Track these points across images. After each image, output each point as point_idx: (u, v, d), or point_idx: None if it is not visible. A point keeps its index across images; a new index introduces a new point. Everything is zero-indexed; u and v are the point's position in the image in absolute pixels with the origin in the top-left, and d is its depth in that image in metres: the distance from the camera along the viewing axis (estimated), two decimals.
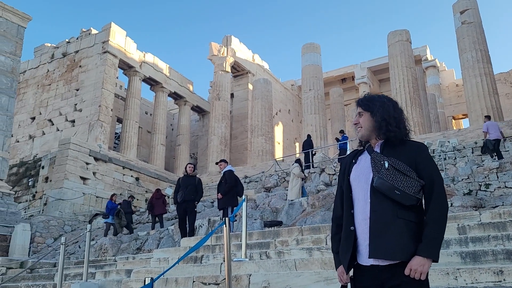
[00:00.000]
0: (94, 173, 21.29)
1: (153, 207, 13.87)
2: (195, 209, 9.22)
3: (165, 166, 28.19)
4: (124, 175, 22.97)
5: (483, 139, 13.72)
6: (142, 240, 12.52)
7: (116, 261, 8.84)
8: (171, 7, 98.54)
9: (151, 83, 28.79)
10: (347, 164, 2.20)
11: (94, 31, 26.30)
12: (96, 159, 21.54)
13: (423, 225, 1.95)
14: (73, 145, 20.53)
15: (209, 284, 5.74)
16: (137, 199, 19.70)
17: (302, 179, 12.40)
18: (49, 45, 28.35)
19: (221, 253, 7.23)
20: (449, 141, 16.85)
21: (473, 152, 15.38)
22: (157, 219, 13.91)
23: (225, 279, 5.56)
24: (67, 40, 27.25)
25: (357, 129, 2.20)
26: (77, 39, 26.65)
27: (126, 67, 26.62)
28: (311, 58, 26.24)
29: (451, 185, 10.87)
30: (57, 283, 6.40)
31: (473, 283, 4.16)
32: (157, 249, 9.53)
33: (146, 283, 3.46)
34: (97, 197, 21.02)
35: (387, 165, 1.98)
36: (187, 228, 9.29)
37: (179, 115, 31.23)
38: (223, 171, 9.59)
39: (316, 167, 17.52)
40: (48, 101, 26.00)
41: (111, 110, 24.59)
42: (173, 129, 34.03)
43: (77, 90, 24.94)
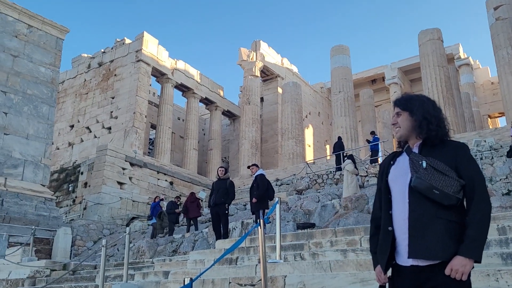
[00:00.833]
0: (130, 178, 21.91)
1: (187, 211, 14.17)
2: (226, 212, 9.37)
3: (197, 170, 28.65)
4: (158, 179, 23.53)
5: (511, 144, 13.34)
6: (177, 242, 12.82)
7: (153, 263, 9.09)
8: (201, 15, 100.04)
9: (183, 89, 29.36)
10: (385, 165, 2.20)
11: (127, 41, 27.09)
12: (131, 164, 22.16)
13: (464, 226, 1.92)
14: (110, 151, 21.21)
15: (245, 285, 5.86)
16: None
17: (356, 175, 12.20)
18: (86, 55, 29.40)
19: (255, 254, 7.34)
20: (485, 141, 16.46)
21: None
22: (192, 222, 14.21)
23: (260, 280, 5.67)
24: (103, 50, 28.18)
25: (395, 130, 2.18)
26: (112, 48, 27.52)
27: (158, 74, 27.27)
28: (340, 60, 26.14)
29: (488, 185, 10.67)
30: (99, 284, 6.69)
31: None
32: (192, 251, 9.77)
33: (185, 283, 3.64)
34: (133, 201, 21.61)
35: (425, 164, 1.97)
36: (221, 230, 9.49)
37: (210, 120, 31.69)
38: (255, 175, 9.70)
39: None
40: (85, 109, 26.95)
41: (145, 116, 25.25)
42: (204, 134, 34.54)
43: (113, 98, 25.75)
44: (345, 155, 18.89)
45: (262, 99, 31.12)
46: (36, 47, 16.67)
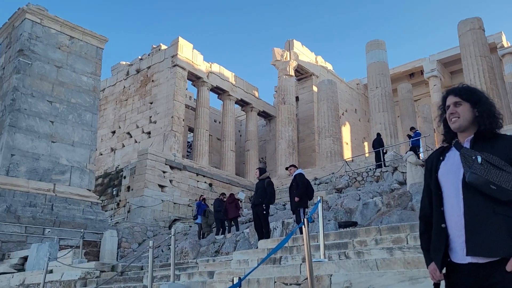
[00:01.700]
0: (170, 181, 22.37)
1: (227, 211, 14.33)
2: (264, 212, 9.40)
3: (236, 171, 28.88)
4: (198, 181, 23.90)
5: None
6: (219, 243, 12.98)
7: (197, 264, 9.25)
8: (233, 17, 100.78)
9: (218, 92, 29.67)
10: (433, 161, 2.15)
11: (163, 47, 27.67)
12: (171, 168, 22.62)
13: None
14: (151, 155, 21.73)
15: (291, 284, 5.86)
16: (211, 204, 20.36)
17: (422, 166, 11.83)
18: (124, 63, 30.27)
19: (298, 254, 7.33)
20: None
21: None
22: (232, 222, 14.35)
23: (306, 279, 5.66)
24: (140, 57, 28.92)
25: (452, 120, 2.10)
26: (149, 55, 28.20)
27: (194, 78, 27.70)
28: (376, 55, 25.67)
29: None
30: (148, 285, 6.86)
31: None
32: (235, 251, 9.86)
33: (234, 282, 3.69)
34: (174, 203, 22.05)
35: (480, 159, 1.92)
36: (263, 230, 9.54)
37: (246, 121, 31.87)
38: (294, 174, 9.71)
39: (388, 166, 17.14)
40: (125, 115, 27.74)
41: (183, 120, 25.72)
42: (241, 135, 34.77)
43: (151, 103, 26.37)
44: (384, 151, 18.57)
45: (297, 98, 30.98)
46: (77, 57, 17.32)
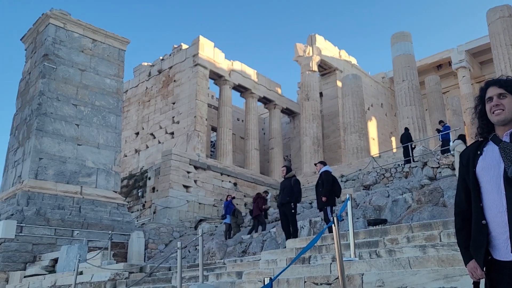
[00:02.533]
0: (195, 181, 22.40)
1: (252, 210, 14.30)
2: (292, 211, 9.22)
3: (260, 170, 28.75)
4: (222, 181, 23.87)
5: None
6: (246, 243, 12.87)
7: (225, 264, 9.16)
8: (254, 13, 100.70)
9: (241, 90, 29.58)
10: (470, 156, 2.09)
11: (184, 46, 27.76)
12: (196, 168, 22.65)
13: None
14: (175, 156, 21.81)
15: (321, 284, 5.71)
16: (237, 204, 20.33)
17: None
18: (146, 64, 30.53)
19: (328, 253, 7.16)
20: None
21: None
22: (259, 221, 14.24)
23: (337, 278, 5.50)
24: (161, 57, 29.11)
25: (497, 112, 2.03)
26: (170, 55, 28.35)
27: (216, 77, 27.68)
28: (402, 47, 25.06)
29: None
30: (177, 285, 6.79)
31: None
32: (261, 251, 9.72)
33: (265, 283, 3.57)
34: (199, 203, 22.08)
35: None
36: (290, 229, 9.35)
37: (269, 119, 31.69)
38: (320, 171, 9.53)
39: (417, 161, 16.67)
40: (148, 116, 27.97)
41: (206, 119, 25.73)
42: (264, 133, 34.62)
43: (174, 103, 26.49)
44: (413, 146, 18.09)
45: (321, 94, 30.63)
46: (100, 60, 17.49)
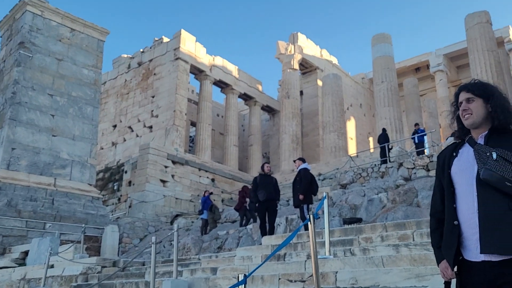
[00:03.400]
0: (172, 176, 22.21)
1: (239, 204, 14.24)
2: (276, 208, 9.26)
3: (238, 166, 28.71)
4: (200, 176, 23.74)
5: None
6: (222, 239, 12.83)
7: (200, 260, 9.10)
8: (237, 9, 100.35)
9: (221, 85, 29.44)
10: (446, 157, 2.11)
11: (165, 39, 27.44)
12: (173, 162, 22.45)
13: None
14: (152, 150, 21.57)
15: (295, 281, 5.74)
16: (214, 199, 20.25)
17: None
18: (126, 56, 30.05)
19: (303, 250, 7.20)
20: None
21: None
22: (244, 215, 14.17)
23: (311, 276, 5.52)
24: (142, 50, 28.69)
25: (466, 116, 2.07)
26: (151, 48, 27.97)
27: (197, 71, 27.47)
28: (382, 49, 25.36)
29: None
30: (150, 281, 6.71)
31: None
32: (238, 247, 9.71)
33: (239, 279, 3.54)
34: (176, 198, 21.91)
35: (495, 156, 1.89)
36: (267, 226, 9.35)
37: (249, 116, 31.66)
38: (298, 168, 9.52)
39: (393, 162, 16.91)
40: (127, 109, 27.57)
41: (185, 114, 25.51)
42: (244, 130, 34.58)
43: (153, 97, 26.17)
44: (390, 147, 18.35)
45: (301, 93, 30.75)
46: (78, 49, 17.12)
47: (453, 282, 2.00)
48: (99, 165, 24.51)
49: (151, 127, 25.63)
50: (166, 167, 22.02)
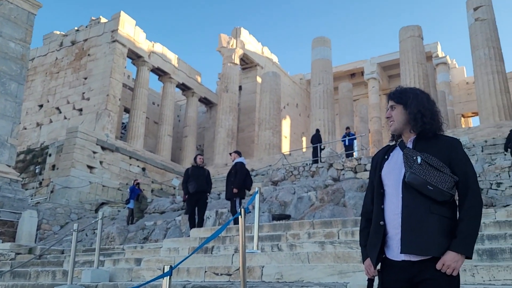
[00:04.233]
0: (101, 162, 21.30)
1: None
2: (206, 200, 9.17)
3: (171, 157, 28.19)
4: (130, 165, 22.99)
5: None
6: (149, 230, 12.51)
7: (124, 250, 8.81)
8: None
9: (159, 73, 28.71)
10: (378, 160, 2.17)
11: (103, 20, 26.22)
12: (103, 148, 21.54)
13: (456, 221, 1.94)
14: (81, 134, 20.54)
15: (221, 274, 5.71)
16: (144, 189, 19.68)
17: None
18: (58, 33, 28.30)
19: (231, 244, 7.19)
20: (459, 139, 16.70)
21: (483, 150, 15.23)
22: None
23: (237, 269, 5.52)
24: (76, 28, 27.20)
25: (390, 123, 2.15)
26: (86, 27, 26.59)
27: (134, 56, 26.55)
28: (321, 52, 26.06)
29: None
30: (68, 270, 6.36)
31: (490, 281, 4.15)
32: (165, 239, 9.50)
33: (164, 271, 3.41)
34: (103, 186, 21.04)
35: (419, 160, 1.95)
36: (196, 219, 9.22)
37: (186, 107, 31.17)
38: (234, 161, 9.45)
39: (324, 162, 17.44)
40: (56, 89, 25.99)
41: (119, 99, 24.55)
42: (180, 120, 34.00)
43: (85, 78, 24.91)
44: (322, 148, 18.89)
45: (240, 88, 30.79)
46: (6, 20, 15.84)
47: (377, 279, 2.05)
48: (20, 146, 22.91)
49: (81, 110, 24.39)
50: (94, 152, 21.06)
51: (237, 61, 29.20)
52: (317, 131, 19.67)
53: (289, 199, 11.83)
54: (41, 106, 26.28)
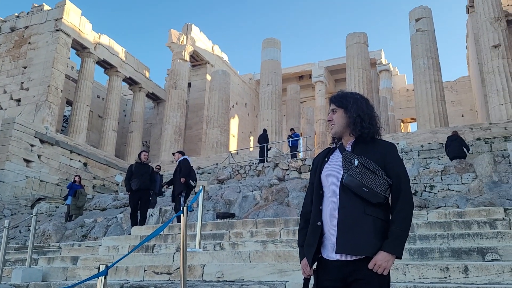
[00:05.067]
0: (39, 156, 20.30)
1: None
2: (149, 198, 9.06)
3: (115, 152, 27.36)
4: (71, 159, 22.08)
5: None
6: (88, 227, 12.08)
7: (60, 248, 8.47)
8: None
9: (106, 66, 27.77)
10: (319, 162, 2.22)
11: (46, 7, 24.98)
12: (42, 142, 20.54)
13: (388, 223, 2.01)
14: (18, 125, 19.46)
15: (161, 273, 5.63)
16: (85, 185, 18.97)
17: None
18: None
19: (173, 242, 7.12)
20: (398, 143, 17.48)
21: (419, 154, 16.06)
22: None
23: (177, 268, 5.47)
24: (17, 14, 25.71)
25: (331, 126, 2.20)
26: (28, 14, 25.20)
27: (79, 47, 25.51)
28: (271, 53, 26.33)
29: None
30: None
31: (420, 279, 4.34)
32: (105, 237, 9.23)
33: (100, 270, 3.31)
34: (41, 181, 20.06)
35: (357, 163, 2.02)
36: (138, 216, 9.06)
37: (133, 101, 30.37)
38: (178, 160, 9.56)
39: (270, 162, 17.65)
40: None
41: (61, 91, 23.48)
42: (125, 115, 33.08)
43: (25, 68, 23.62)
44: (268, 147, 19.11)
45: (189, 85, 30.44)
46: None
47: (313, 278, 2.09)
48: None
49: (19, 101, 23.10)
50: (32, 146, 20.03)
51: (187, 57, 28.86)
52: (264, 131, 19.87)
53: (234, 197, 11.88)
54: None
